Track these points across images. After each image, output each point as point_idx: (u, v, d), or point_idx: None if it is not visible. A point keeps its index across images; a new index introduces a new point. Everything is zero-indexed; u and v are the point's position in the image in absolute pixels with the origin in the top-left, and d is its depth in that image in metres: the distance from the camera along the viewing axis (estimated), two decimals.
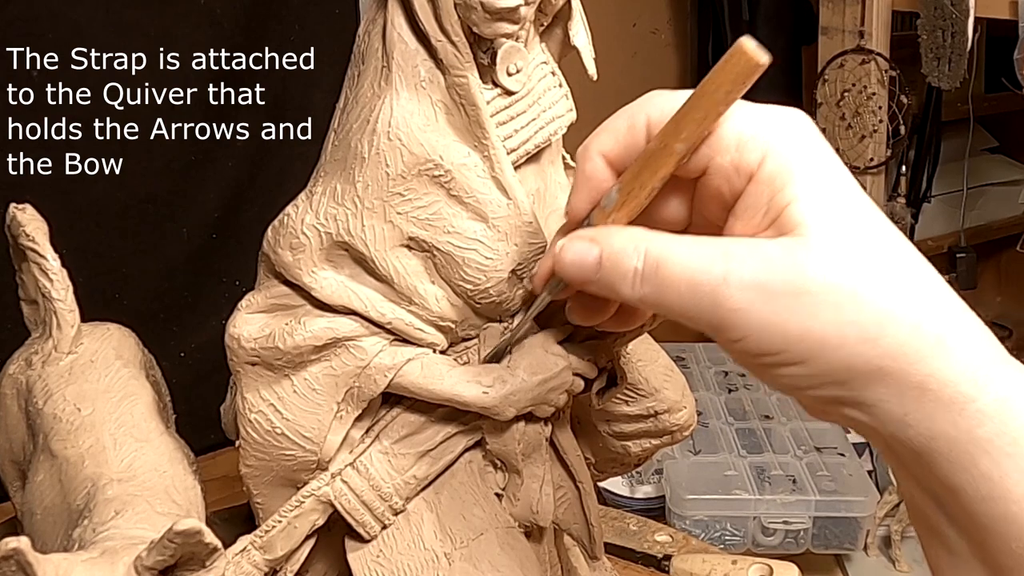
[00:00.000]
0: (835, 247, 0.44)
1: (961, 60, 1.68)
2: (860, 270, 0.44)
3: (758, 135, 0.46)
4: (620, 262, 0.48)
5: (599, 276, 0.49)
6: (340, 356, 0.65)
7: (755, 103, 0.48)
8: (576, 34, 0.67)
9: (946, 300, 0.44)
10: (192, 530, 0.56)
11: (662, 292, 0.46)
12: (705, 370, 1.75)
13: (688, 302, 0.45)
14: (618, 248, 0.48)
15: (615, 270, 0.48)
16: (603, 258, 0.49)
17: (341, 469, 0.68)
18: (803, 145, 0.46)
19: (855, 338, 0.43)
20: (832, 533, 1.43)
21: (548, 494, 0.71)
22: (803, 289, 0.43)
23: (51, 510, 0.73)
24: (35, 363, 0.80)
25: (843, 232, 0.44)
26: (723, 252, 0.45)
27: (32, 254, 0.79)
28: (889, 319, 0.43)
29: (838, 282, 0.43)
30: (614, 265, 0.48)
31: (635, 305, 0.51)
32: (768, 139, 0.46)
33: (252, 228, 0.70)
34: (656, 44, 2.03)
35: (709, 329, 0.46)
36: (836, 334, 0.43)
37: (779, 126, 0.46)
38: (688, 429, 0.78)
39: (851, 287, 0.43)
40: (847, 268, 0.43)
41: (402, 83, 0.62)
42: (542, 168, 0.68)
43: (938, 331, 0.43)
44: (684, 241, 0.46)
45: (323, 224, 0.64)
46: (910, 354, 0.43)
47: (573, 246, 0.50)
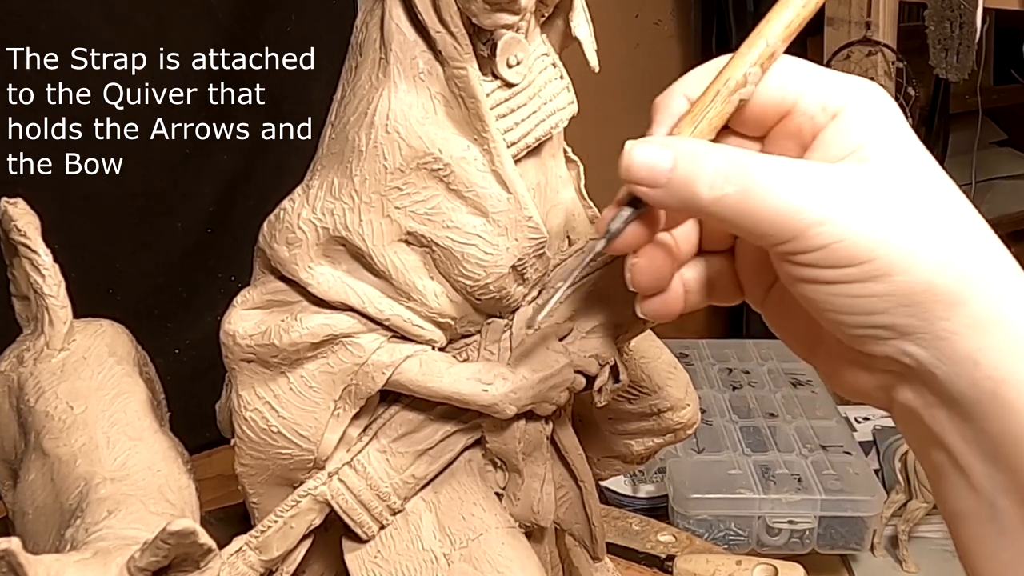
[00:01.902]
0: (917, 173, 0.45)
1: (969, 51, 1.67)
2: (942, 199, 0.45)
3: (844, 83, 0.47)
4: (698, 161, 0.46)
5: (672, 177, 0.46)
6: (337, 353, 0.65)
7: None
8: (578, 25, 0.66)
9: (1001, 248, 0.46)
10: (186, 530, 0.56)
11: (746, 193, 0.44)
12: (709, 367, 1.75)
13: (772, 205, 0.44)
14: (696, 149, 0.46)
15: (692, 169, 0.45)
16: (678, 157, 0.46)
17: (338, 468, 0.67)
18: (879, 101, 0.47)
19: (937, 259, 0.43)
20: (838, 533, 1.43)
21: (549, 493, 0.70)
22: (893, 201, 0.44)
23: (43, 509, 0.72)
24: (27, 360, 0.79)
25: (921, 171, 0.46)
26: (813, 169, 0.45)
27: (23, 249, 0.79)
28: (973, 247, 0.44)
29: (925, 200, 0.44)
30: (691, 164, 0.46)
31: (704, 215, 0.48)
32: (853, 87, 0.47)
33: (248, 223, 0.70)
34: (659, 35, 2.02)
35: (786, 237, 0.44)
36: (922, 249, 0.43)
37: (861, 81, 0.48)
38: (691, 427, 0.78)
39: (936, 208, 0.44)
40: (932, 192, 0.45)
41: (400, 75, 0.61)
42: (543, 162, 0.68)
43: (1015, 269, 0.44)
44: (770, 156, 0.46)
45: (320, 219, 0.63)
46: (991, 284, 0.43)
47: (643, 146, 0.47)
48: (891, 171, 0.45)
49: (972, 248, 0.44)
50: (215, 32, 1.33)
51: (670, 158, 0.46)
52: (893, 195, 0.44)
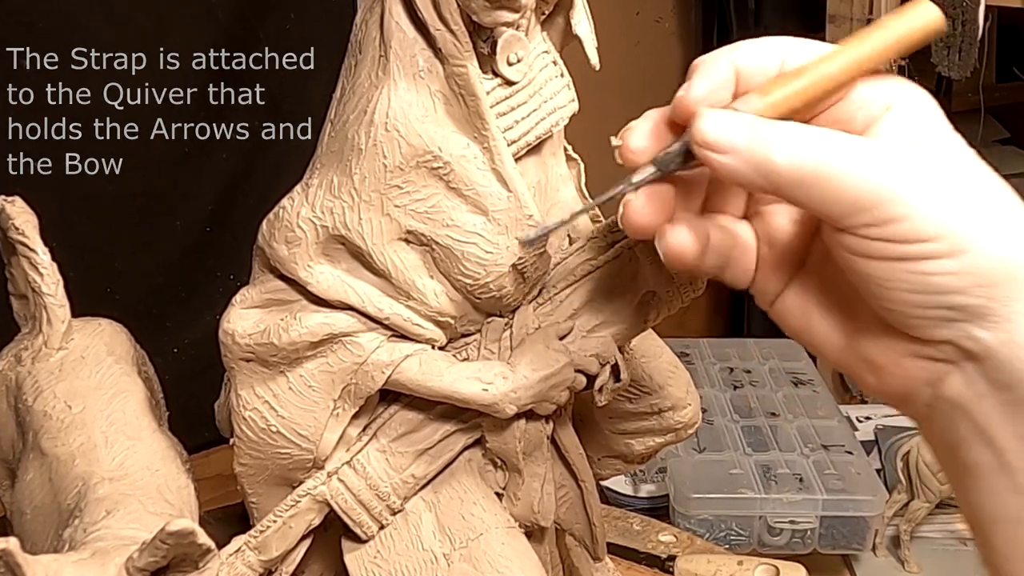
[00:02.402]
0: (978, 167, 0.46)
1: (972, 49, 1.67)
2: (1002, 187, 0.46)
3: (897, 80, 0.48)
4: (774, 128, 0.45)
5: (748, 140, 0.45)
6: (337, 352, 0.65)
7: None
8: (578, 23, 0.66)
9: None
10: (185, 531, 0.56)
11: (824, 162, 0.44)
12: (710, 366, 1.75)
13: (852, 173, 0.44)
14: (768, 121, 0.46)
15: (769, 136, 0.45)
16: (752, 124, 0.46)
17: (338, 468, 0.67)
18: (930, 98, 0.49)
19: (1013, 239, 0.43)
20: (840, 533, 1.42)
21: (549, 493, 0.70)
22: (963, 182, 0.44)
23: (41, 509, 0.72)
24: (25, 359, 0.79)
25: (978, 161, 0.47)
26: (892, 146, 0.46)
27: (21, 248, 0.79)
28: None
29: (990, 186, 0.45)
30: (767, 131, 0.45)
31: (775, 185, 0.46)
32: (904, 85, 0.48)
33: (247, 221, 0.70)
34: (660, 33, 2.02)
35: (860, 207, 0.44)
36: (996, 229, 0.43)
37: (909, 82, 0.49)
38: (693, 427, 0.78)
39: (1001, 194, 0.45)
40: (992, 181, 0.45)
41: (400, 73, 0.61)
42: (543, 160, 0.67)
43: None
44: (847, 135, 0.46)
45: (319, 217, 0.63)
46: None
47: (717, 111, 0.47)
48: (954, 159, 0.46)
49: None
50: (215, 32, 1.33)
51: (745, 124, 0.46)
52: (963, 177, 0.45)
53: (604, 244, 0.67)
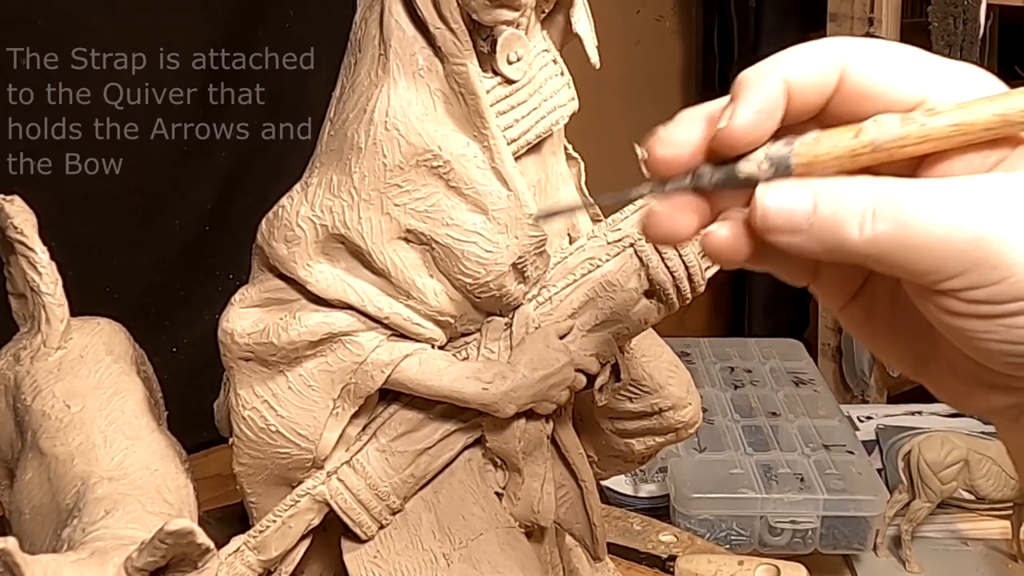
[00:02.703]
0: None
1: (973, 48, 1.66)
2: None
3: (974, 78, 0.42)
4: (842, 198, 0.40)
5: (815, 221, 0.40)
6: (336, 352, 0.65)
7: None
8: (578, 21, 0.66)
9: None
10: (184, 530, 0.55)
11: (903, 227, 0.39)
12: (710, 365, 1.74)
13: (938, 235, 0.39)
14: (836, 186, 0.40)
15: (837, 209, 0.40)
16: (818, 197, 0.40)
17: (337, 467, 0.67)
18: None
19: None
20: (841, 533, 1.42)
21: (549, 493, 0.70)
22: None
23: (40, 509, 0.72)
24: (23, 359, 0.79)
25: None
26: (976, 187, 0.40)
27: (20, 247, 0.78)
28: None
29: None
30: (835, 203, 0.40)
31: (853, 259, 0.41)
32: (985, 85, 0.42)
33: (246, 220, 0.69)
34: (660, 31, 2.01)
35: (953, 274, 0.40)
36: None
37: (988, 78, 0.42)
38: (693, 426, 0.78)
39: None
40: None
41: (400, 71, 0.61)
42: (543, 159, 0.67)
43: None
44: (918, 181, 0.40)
45: (319, 216, 0.63)
46: None
47: (777, 189, 0.41)
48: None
49: None
50: (214, 31, 1.32)
51: (809, 199, 0.41)
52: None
53: (604, 243, 0.66)
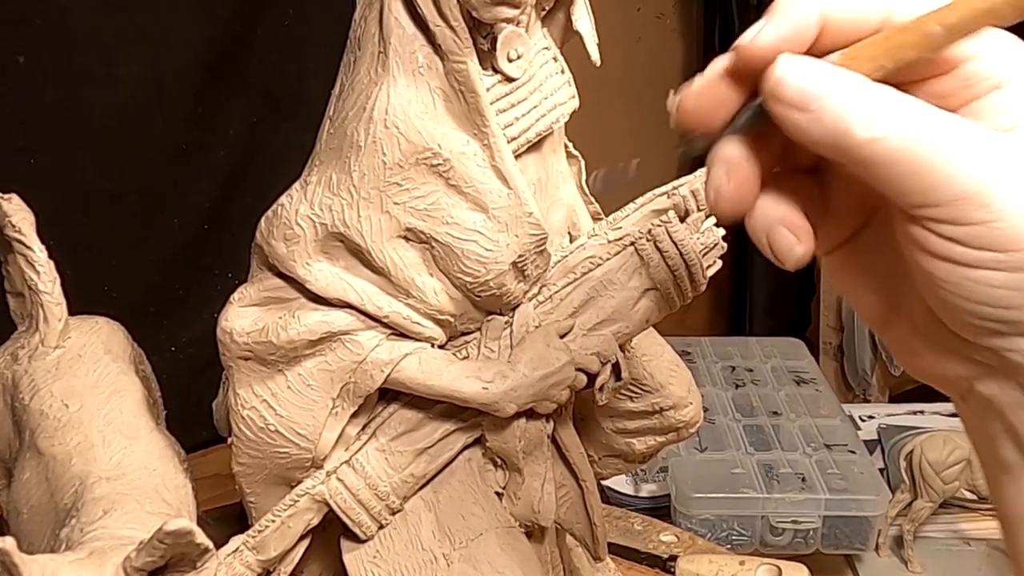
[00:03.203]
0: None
1: None
2: None
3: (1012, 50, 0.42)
4: (861, 91, 0.39)
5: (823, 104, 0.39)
6: (335, 351, 0.65)
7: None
8: (579, 19, 0.66)
9: None
10: (183, 530, 0.55)
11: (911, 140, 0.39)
12: (711, 365, 1.74)
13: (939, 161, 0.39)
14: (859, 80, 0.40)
15: (852, 99, 0.39)
16: (836, 81, 0.39)
17: (337, 467, 0.67)
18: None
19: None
20: (842, 533, 1.41)
21: (550, 493, 0.70)
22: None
23: (38, 509, 0.72)
24: (21, 358, 0.79)
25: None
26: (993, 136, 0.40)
27: (18, 245, 0.78)
28: None
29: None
30: (852, 93, 0.39)
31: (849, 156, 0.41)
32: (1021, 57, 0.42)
33: (245, 219, 0.69)
34: (661, 29, 2.00)
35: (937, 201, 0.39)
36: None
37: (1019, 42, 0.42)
38: (694, 426, 0.78)
39: None
40: None
41: (399, 69, 0.61)
42: (544, 157, 0.67)
43: None
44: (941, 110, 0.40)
45: (318, 214, 0.62)
46: None
47: (797, 60, 0.40)
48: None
49: None
50: (213, 30, 1.32)
51: (827, 81, 0.40)
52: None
53: (605, 241, 0.66)
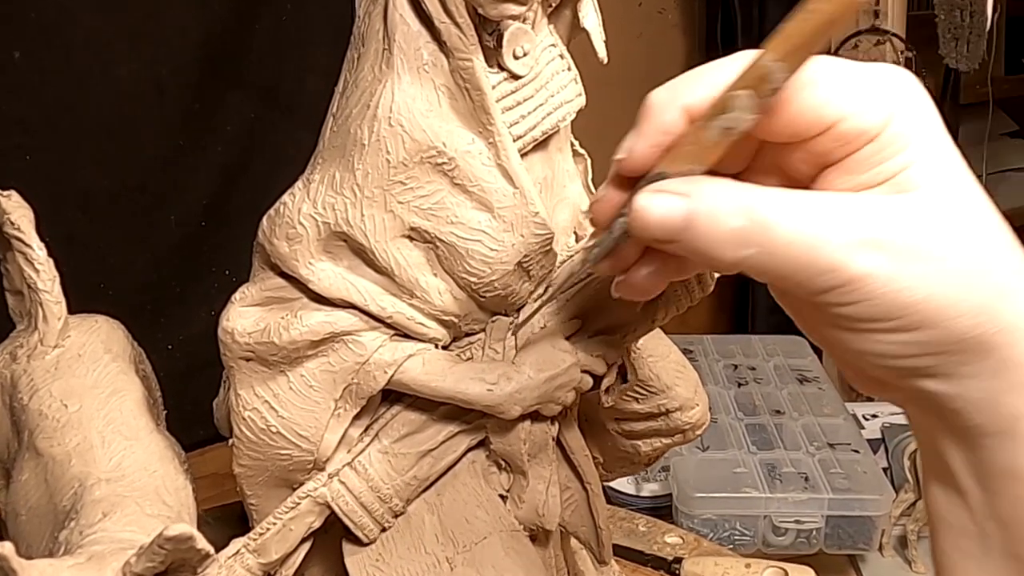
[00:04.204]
0: (958, 213, 0.43)
1: (980, 41, 1.66)
2: (982, 239, 0.43)
3: (885, 98, 0.44)
4: (718, 221, 0.43)
5: (686, 236, 0.44)
6: (338, 351, 0.64)
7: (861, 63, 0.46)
8: (586, 16, 0.65)
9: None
10: (183, 536, 0.55)
11: (770, 255, 0.42)
12: (714, 363, 1.73)
13: (801, 265, 0.42)
14: (716, 205, 0.43)
15: (711, 230, 0.43)
16: (695, 216, 0.43)
17: (339, 469, 0.66)
18: (923, 111, 0.44)
19: (976, 308, 0.42)
20: (846, 533, 1.41)
21: (554, 496, 0.70)
22: (931, 253, 0.42)
23: (36, 511, 0.72)
24: (20, 357, 0.79)
25: (963, 200, 0.43)
26: (845, 210, 0.42)
27: (17, 243, 0.78)
28: (1008, 292, 0.42)
29: (965, 249, 0.42)
30: (710, 225, 0.43)
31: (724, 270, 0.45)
32: (894, 102, 0.44)
33: (244, 216, 0.68)
34: (663, 24, 1.99)
35: (815, 292, 0.43)
36: (959, 302, 0.42)
37: (902, 89, 0.44)
38: (701, 427, 0.78)
39: (977, 256, 0.42)
40: (971, 236, 0.42)
41: (404, 66, 0.60)
42: (550, 156, 0.67)
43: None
44: (794, 197, 0.43)
45: (321, 213, 0.62)
46: (1021, 329, 0.42)
47: (658, 201, 0.44)
48: (934, 203, 0.42)
49: (1008, 289, 0.43)
50: (210, 22, 1.31)
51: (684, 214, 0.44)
52: (934, 236, 0.42)
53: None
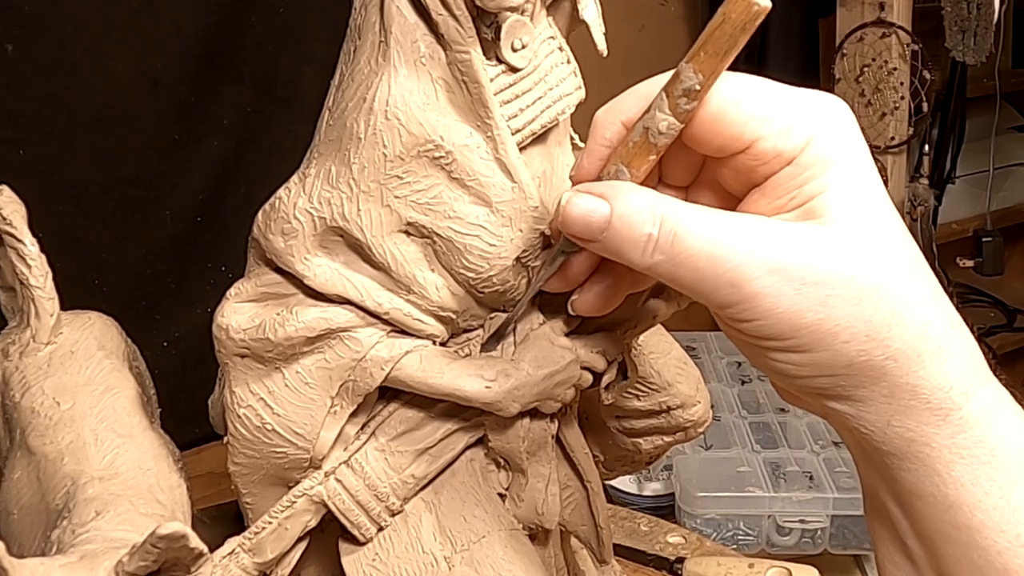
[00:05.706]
0: (860, 242, 0.45)
1: (987, 33, 1.66)
2: (880, 269, 0.45)
3: (805, 122, 0.46)
4: (632, 225, 0.47)
5: (605, 236, 0.48)
6: (334, 348, 0.64)
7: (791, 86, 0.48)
8: (585, 7, 0.65)
9: (947, 308, 0.47)
10: (176, 534, 0.55)
11: (677, 265, 0.46)
12: (717, 360, 1.73)
13: (704, 277, 0.45)
14: (632, 209, 0.47)
15: (626, 233, 0.47)
16: (613, 218, 0.47)
17: (335, 467, 0.66)
18: (845, 137, 0.47)
19: (865, 335, 0.45)
20: (851, 532, 1.40)
21: (554, 494, 0.69)
22: (825, 279, 0.44)
23: (28, 510, 0.71)
24: (12, 354, 0.79)
25: (868, 229, 0.45)
26: (749, 231, 0.45)
27: (9, 238, 0.78)
28: (900, 320, 0.45)
29: (859, 277, 0.45)
30: (625, 228, 0.47)
31: (640, 271, 0.49)
32: (814, 127, 0.46)
33: (239, 211, 0.68)
34: (664, 16, 1.99)
35: (717, 306, 0.46)
36: (848, 328, 0.44)
37: (825, 115, 0.47)
38: (703, 425, 0.78)
39: (871, 284, 0.45)
40: (869, 265, 0.45)
41: (401, 59, 0.60)
42: (549, 149, 0.66)
43: (939, 338, 0.45)
44: (705, 213, 0.46)
45: (317, 208, 0.62)
46: (912, 357, 0.45)
47: (580, 200, 0.49)
48: (837, 233, 0.45)
49: (902, 317, 0.45)
50: (205, 15, 1.31)
51: (604, 217, 0.48)
52: (831, 264, 0.44)
53: None
